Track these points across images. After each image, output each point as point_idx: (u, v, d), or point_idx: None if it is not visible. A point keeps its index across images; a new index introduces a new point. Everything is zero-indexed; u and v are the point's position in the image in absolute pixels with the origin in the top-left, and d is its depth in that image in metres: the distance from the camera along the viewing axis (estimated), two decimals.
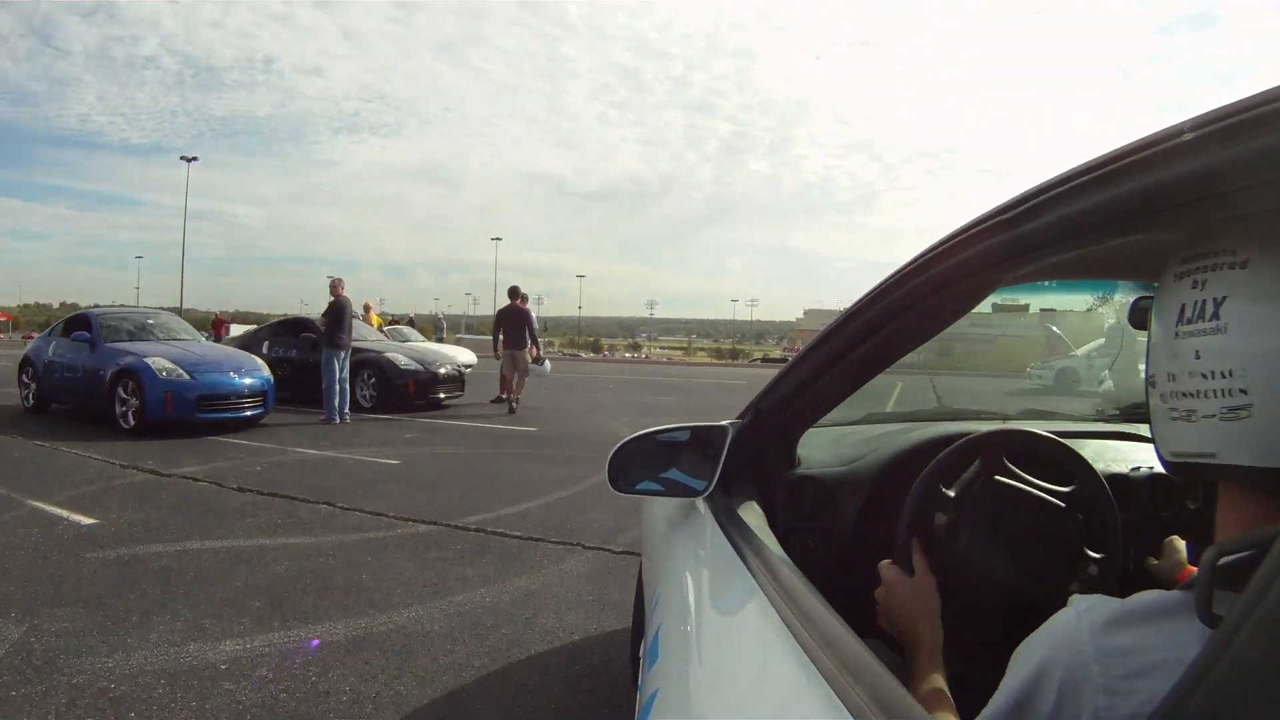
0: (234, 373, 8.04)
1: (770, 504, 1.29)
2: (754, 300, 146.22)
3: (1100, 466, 1.21)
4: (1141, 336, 0.70)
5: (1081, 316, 2.57)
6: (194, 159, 46.96)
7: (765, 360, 47.00)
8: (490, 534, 4.19)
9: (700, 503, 1.32)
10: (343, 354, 8.72)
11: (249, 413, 8.00)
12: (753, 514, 1.15)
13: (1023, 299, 1.96)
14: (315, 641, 2.74)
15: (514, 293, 10.40)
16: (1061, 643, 0.56)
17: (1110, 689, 0.52)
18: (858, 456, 1.48)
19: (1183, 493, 1.37)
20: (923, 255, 0.89)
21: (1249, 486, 0.57)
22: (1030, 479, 1.11)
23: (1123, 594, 0.58)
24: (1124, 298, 1.49)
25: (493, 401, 10.67)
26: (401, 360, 9.95)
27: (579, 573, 3.61)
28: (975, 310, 0.98)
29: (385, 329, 15.63)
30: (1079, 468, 1.17)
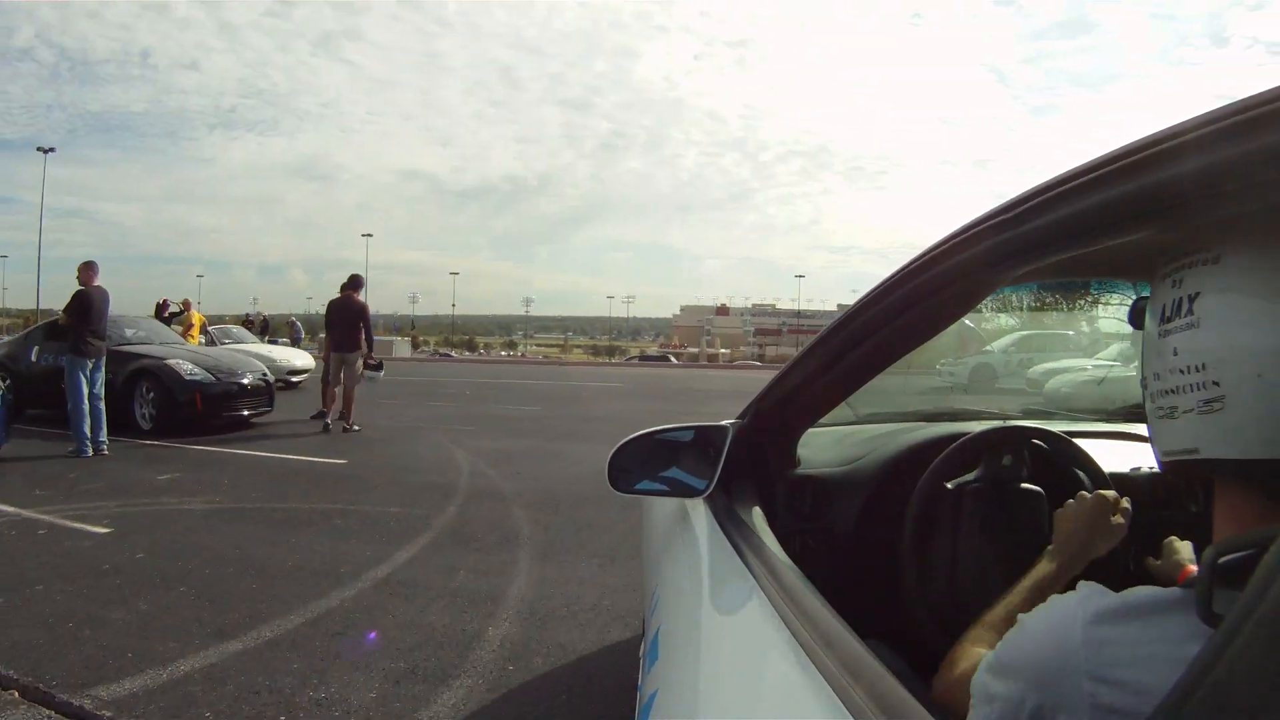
0: None
1: (770, 504, 1.24)
2: (630, 297, 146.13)
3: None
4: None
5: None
6: (51, 150, 43.67)
7: (643, 358, 46.68)
8: None
9: (700, 503, 1.24)
10: (91, 363, 6.46)
11: None
12: (753, 514, 1.08)
13: (1022, 299, 1.79)
14: None
15: (352, 283, 8.12)
16: (1055, 626, 0.56)
17: (1096, 675, 0.51)
18: (858, 456, 1.46)
19: (1181, 493, 1.32)
20: (923, 255, 0.84)
21: (1242, 483, 0.54)
22: (1033, 476, 1.19)
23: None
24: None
25: (313, 418, 8.50)
26: (186, 369, 7.57)
27: None
28: None
29: (210, 329, 13.47)
30: (1084, 465, 1.25)
